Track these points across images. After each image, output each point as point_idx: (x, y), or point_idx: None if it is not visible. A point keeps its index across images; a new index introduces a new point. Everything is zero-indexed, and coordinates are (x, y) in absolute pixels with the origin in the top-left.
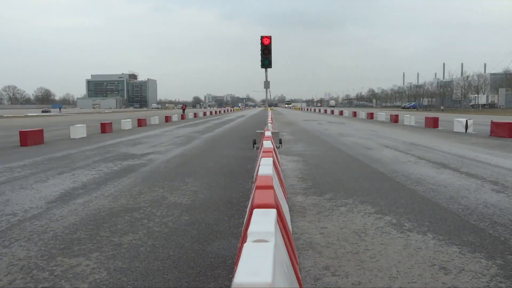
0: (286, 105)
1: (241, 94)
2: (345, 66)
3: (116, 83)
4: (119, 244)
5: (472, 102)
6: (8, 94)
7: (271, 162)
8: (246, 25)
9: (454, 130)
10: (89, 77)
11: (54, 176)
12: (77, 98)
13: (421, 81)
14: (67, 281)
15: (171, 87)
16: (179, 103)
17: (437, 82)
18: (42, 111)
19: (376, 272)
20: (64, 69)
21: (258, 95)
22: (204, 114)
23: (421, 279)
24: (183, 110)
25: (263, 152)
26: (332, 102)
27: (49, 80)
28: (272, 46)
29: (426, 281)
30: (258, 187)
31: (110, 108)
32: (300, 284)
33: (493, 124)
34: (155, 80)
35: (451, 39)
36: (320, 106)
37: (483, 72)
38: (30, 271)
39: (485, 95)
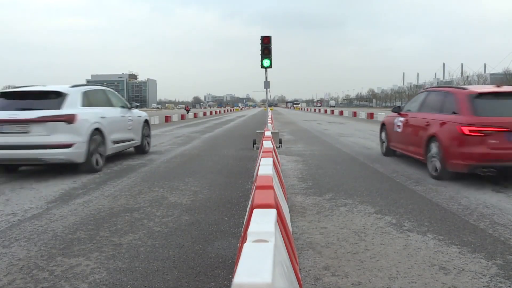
0: (295, 106)
1: (241, 94)
2: (345, 66)
3: (116, 83)
4: (119, 244)
5: None
6: None
7: (271, 162)
8: (246, 25)
9: None
10: (89, 77)
11: (54, 176)
12: None
13: (421, 81)
14: (67, 281)
15: (171, 87)
16: (179, 103)
17: (437, 82)
18: None
19: (376, 272)
20: (64, 69)
21: (258, 95)
22: (204, 114)
23: (421, 279)
24: (187, 111)
25: (263, 152)
26: (332, 102)
27: (49, 80)
28: (272, 46)
29: (426, 281)
30: (258, 187)
31: None
32: (300, 284)
33: None
34: (155, 80)
35: (451, 39)
36: (320, 106)
37: (483, 72)
38: (30, 271)
39: None
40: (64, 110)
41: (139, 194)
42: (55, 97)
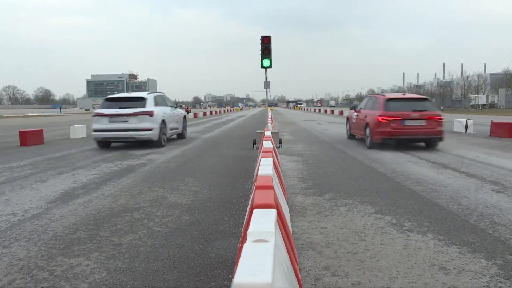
0: (298, 105)
1: (241, 94)
2: (345, 66)
3: (116, 83)
4: (119, 244)
5: (472, 102)
6: (8, 94)
7: (271, 162)
8: (246, 25)
9: (454, 130)
10: (89, 77)
11: (54, 176)
12: (77, 98)
13: (421, 81)
14: (67, 281)
15: (171, 87)
16: (179, 103)
17: (437, 82)
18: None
19: (376, 272)
20: (64, 69)
21: (258, 95)
22: (204, 114)
23: (421, 279)
24: (187, 111)
25: (263, 152)
26: (332, 102)
27: (49, 80)
28: (272, 46)
29: (426, 281)
30: (258, 187)
31: None
32: (300, 284)
33: (493, 124)
34: (155, 80)
35: (451, 39)
36: (320, 106)
37: (483, 72)
38: (30, 271)
39: (485, 95)
40: (147, 108)
41: (139, 194)
42: (140, 100)
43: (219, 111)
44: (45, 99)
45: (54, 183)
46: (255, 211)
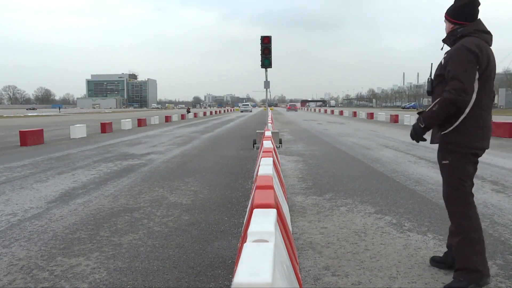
0: (313, 105)
1: (241, 94)
2: (345, 66)
3: (116, 83)
4: (119, 244)
5: None
6: (8, 94)
7: (271, 162)
8: (246, 25)
9: None
10: (89, 77)
11: (54, 176)
12: (77, 98)
13: (421, 81)
14: (67, 281)
15: (171, 87)
16: (179, 103)
17: None
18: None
19: (376, 272)
20: (64, 69)
21: (258, 95)
22: (204, 114)
23: (421, 279)
24: (188, 111)
25: (263, 152)
26: (332, 102)
27: (49, 80)
28: (272, 46)
29: (426, 281)
30: (258, 187)
31: (110, 108)
32: (300, 284)
33: (493, 124)
34: (155, 80)
35: None
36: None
37: None
38: (30, 271)
39: None
40: (249, 105)
41: (139, 194)
42: (248, 105)
43: (219, 111)
44: (45, 99)
45: (54, 183)
46: (255, 211)
